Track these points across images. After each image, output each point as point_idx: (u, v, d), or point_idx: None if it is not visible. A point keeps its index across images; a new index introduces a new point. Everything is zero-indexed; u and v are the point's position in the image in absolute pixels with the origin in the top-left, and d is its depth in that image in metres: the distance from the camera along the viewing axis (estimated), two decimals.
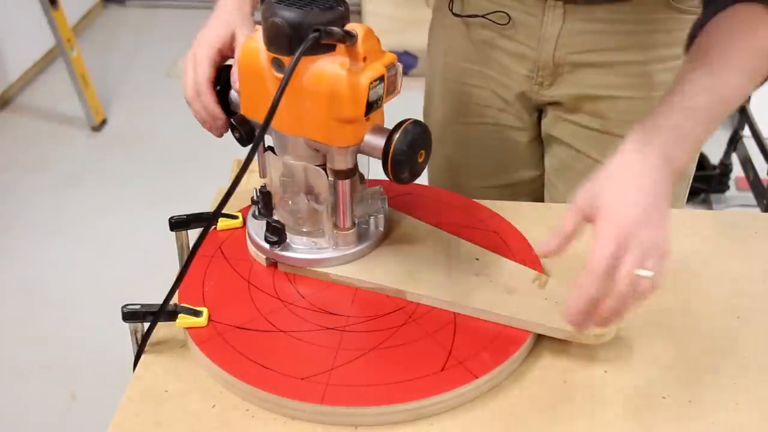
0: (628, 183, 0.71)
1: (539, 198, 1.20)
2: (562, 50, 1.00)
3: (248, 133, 0.82)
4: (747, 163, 2.32)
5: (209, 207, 0.94)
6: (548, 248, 0.73)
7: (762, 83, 0.80)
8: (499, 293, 0.81)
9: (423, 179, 0.91)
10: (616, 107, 1.03)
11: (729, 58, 0.76)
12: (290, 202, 0.84)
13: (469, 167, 1.20)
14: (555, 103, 1.07)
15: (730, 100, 0.76)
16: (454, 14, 1.08)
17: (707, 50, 0.78)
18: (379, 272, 0.84)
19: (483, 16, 1.04)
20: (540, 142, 1.16)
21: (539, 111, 1.12)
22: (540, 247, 0.74)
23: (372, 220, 0.88)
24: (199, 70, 0.86)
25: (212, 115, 0.87)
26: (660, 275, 0.68)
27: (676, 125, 0.73)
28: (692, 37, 0.82)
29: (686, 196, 1.15)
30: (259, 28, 0.77)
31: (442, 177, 1.23)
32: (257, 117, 0.81)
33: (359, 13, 3.48)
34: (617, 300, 0.68)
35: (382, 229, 0.88)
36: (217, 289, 0.83)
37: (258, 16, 0.83)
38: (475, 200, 0.98)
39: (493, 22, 1.03)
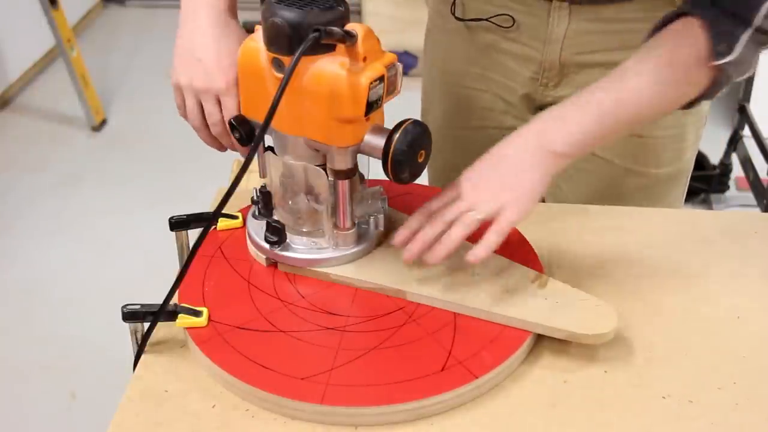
0: (493, 153, 0.81)
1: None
2: (568, 51, 1.00)
3: (248, 133, 0.82)
4: (747, 163, 2.32)
5: (209, 207, 0.94)
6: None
7: (693, 100, 0.81)
8: (499, 293, 0.81)
9: (423, 179, 0.91)
10: None
11: (641, 63, 0.79)
12: (290, 202, 0.84)
13: None
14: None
15: (630, 103, 0.79)
16: (457, 18, 1.07)
17: (632, 55, 0.80)
18: (379, 272, 0.84)
19: (487, 20, 1.03)
20: None
21: (542, 111, 1.12)
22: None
23: (372, 220, 0.88)
24: (230, 105, 0.84)
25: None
26: (495, 233, 0.77)
27: (561, 112, 0.81)
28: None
29: (684, 196, 1.15)
30: (259, 28, 0.77)
31: (443, 180, 1.23)
32: (257, 117, 0.81)
33: (359, 13, 3.48)
34: (436, 226, 0.78)
35: (382, 229, 0.88)
36: (217, 289, 0.83)
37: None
38: None
39: (497, 25, 1.03)
